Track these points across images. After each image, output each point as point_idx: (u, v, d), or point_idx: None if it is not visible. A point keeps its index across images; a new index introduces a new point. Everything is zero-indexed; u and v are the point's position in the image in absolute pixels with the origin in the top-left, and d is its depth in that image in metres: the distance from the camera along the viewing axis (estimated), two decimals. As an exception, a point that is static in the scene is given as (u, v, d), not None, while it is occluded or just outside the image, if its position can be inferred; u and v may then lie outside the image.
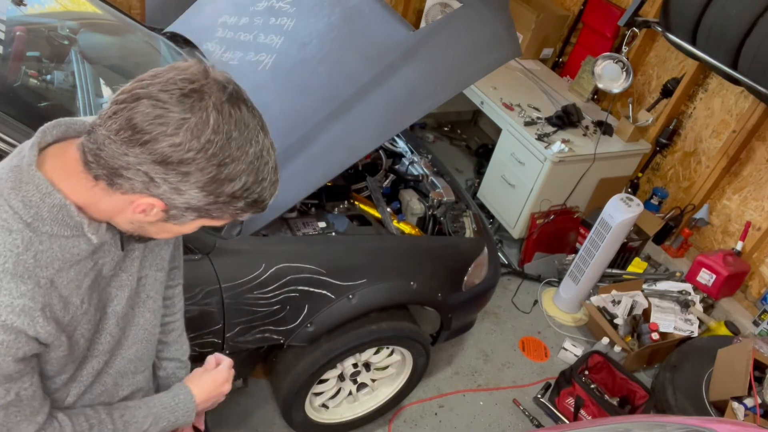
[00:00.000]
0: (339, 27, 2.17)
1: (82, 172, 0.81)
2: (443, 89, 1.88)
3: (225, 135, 0.75)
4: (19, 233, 0.80)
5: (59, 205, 0.82)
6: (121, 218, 0.85)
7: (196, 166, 0.75)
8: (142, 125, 0.73)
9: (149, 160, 0.74)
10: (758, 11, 2.57)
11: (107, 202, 0.83)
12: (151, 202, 0.80)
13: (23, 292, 0.80)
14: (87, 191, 0.82)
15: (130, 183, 0.78)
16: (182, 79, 0.75)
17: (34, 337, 0.82)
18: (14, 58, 1.70)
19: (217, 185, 0.78)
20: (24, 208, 0.80)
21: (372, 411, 2.42)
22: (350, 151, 1.89)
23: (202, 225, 0.89)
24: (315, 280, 1.86)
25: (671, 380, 2.75)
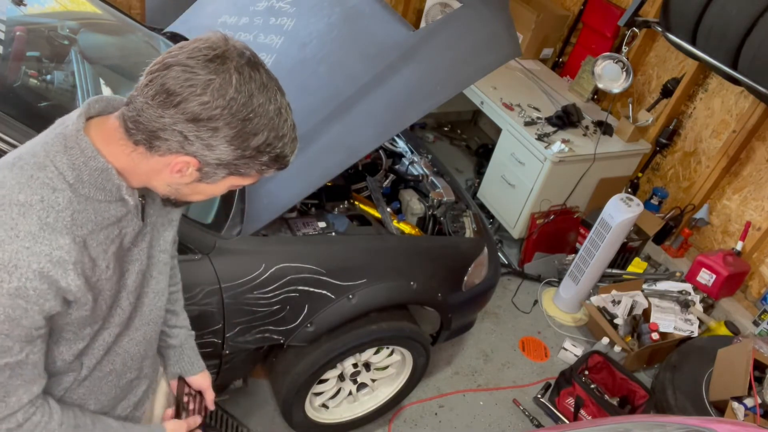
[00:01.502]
0: (339, 27, 2.17)
1: (122, 139, 0.90)
2: (443, 89, 1.88)
3: (246, 93, 0.85)
4: (61, 192, 0.89)
5: (101, 169, 0.91)
6: (159, 180, 0.95)
7: (223, 121, 0.84)
8: (174, 88, 0.83)
9: (182, 119, 0.84)
10: (758, 11, 2.57)
11: (146, 165, 0.92)
12: (186, 160, 0.89)
13: (61, 245, 0.88)
14: (126, 156, 0.91)
15: (167, 144, 0.87)
16: (206, 47, 0.84)
17: (64, 289, 0.89)
18: (14, 58, 1.70)
19: (243, 139, 0.87)
20: (68, 170, 0.89)
21: (372, 411, 2.42)
22: (350, 151, 1.88)
23: (231, 185, 0.97)
24: (315, 280, 1.86)
25: (671, 380, 2.75)
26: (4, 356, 0.88)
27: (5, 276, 0.84)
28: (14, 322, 0.86)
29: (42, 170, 0.89)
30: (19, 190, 0.87)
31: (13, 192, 0.87)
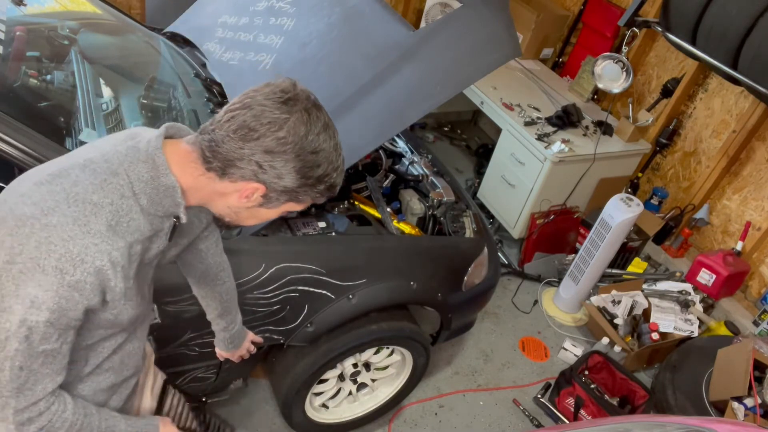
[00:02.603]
0: (339, 27, 2.17)
1: (194, 162, 1.00)
2: (443, 89, 1.88)
3: (314, 130, 0.97)
4: (127, 199, 0.99)
5: (169, 186, 1.01)
6: (221, 202, 1.06)
7: (294, 153, 0.96)
8: (254, 125, 0.94)
9: (260, 151, 0.95)
10: (758, 11, 2.57)
11: (210, 188, 1.03)
12: (256, 187, 1.00)
13: (118, 247, 0.97)
14: (193, 179, 1.02)
15: (241, 172, 0.98)
16: (280, 91, 0.97)
17: (111, 288, 0.97)
18: (14, 58, 1.70)
19: (308, 169, 0.99)
20: (137, 181, 0.99)
21: (372, 411, 2.42)
22: (350, 151, 1.88)
23: (285, 210, 1.09)
24: (315, 280, 1.86)
25: (671, 380, 2.75)
26: (44, 343, 0.94)
27: (70, 268, 0.91)
28: (63, 312, 0.92)
29: (115, 176, 0.98)
30: (93, 191, 0.96)
31: (88, 191, 0.95)
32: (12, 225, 0.92)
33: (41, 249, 0.90)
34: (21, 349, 0.92)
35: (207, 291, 1.49)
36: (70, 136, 1.61)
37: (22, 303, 0.90)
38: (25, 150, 1.39)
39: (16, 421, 0.97)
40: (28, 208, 0.92)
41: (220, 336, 1.61)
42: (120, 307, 1.02)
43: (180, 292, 1.62)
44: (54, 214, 0.92)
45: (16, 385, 0.95)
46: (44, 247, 0.90)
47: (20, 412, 0.97)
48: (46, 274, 0.90)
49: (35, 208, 0.92)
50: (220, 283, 1.48)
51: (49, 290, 0.90)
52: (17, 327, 0.91)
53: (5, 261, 0.91)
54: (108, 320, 1.03)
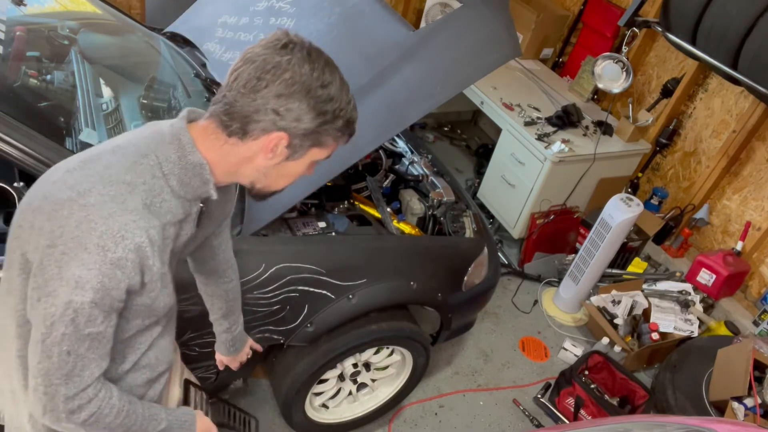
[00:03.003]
0: (339, 27, 2.17)
1: (214, 133, 1.02)
2: (443, 89, 1.88)
3: (318, 67, 0.99)
4: (158, 180, 1.01)
5: (197, 163, 1.03)
6: (249, 168, 1.06)
7: (305, 91, 0.98)
8: (260, 74, 0.96)
9: (273, 96, 0.97)
10: (758, 11, 2.57)
11: (236, 155, 1.04)
12: (279, 136, 1.00)
13: (154, 225, 0.99)
14: (217, 150, 1.03)
15: (260, 125, 0.99)
16: (275, 39, 0.99)
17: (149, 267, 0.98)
18: (14, 58, 1.70)
19: (323, 104, 0.99)
20: (165, 162, 1.01)
21: (372, 411, 2.42)
22: (350, 151, 1.88)
23: (312, 160, 1.09)
24: (315, 280, 1.86)
25: (671, 380, 2.75)
26: (90, 326, 0.94)
27: (112, 245, 0.92)
28: (106, 291, 0.93)
29: (144, 158, 1.00)
30: (125, 172, 0.98)
31: (120, 173, 0.97)
32: (49, 210, 0.94)
33: (82, 228, 0.91)
34: (68, 333, 0.93)
35: (214, 288, 1.49)
36: (70, 136, 1.61)
37: (67, 284, 0.91)
38: (25, 150, 1.39)
39: (67, 409, 0.97)
40: (64, 192, 0.94)
41: (222, 338, 1.61)
42: (157, 291, 1.03)
43: (180, 291, 1.61)
44: (91, 195, 0.94)
45: (65, 371, 0.95)
46: (84, 226, 0.92)
47: (70, 399, 0.97)
48: (89, 252, 0.91)
49: (71, 191, 0.94)
50: (227, 280, 1.48)
51: (93, 268, 0.91)
52: (63, 310, 0.91)
53: (46, 246, 0.92)
54: (146, 305, 1.03)
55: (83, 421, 0.99)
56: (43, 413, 0.98)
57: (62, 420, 0.98)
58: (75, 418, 0.98)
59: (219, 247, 1.41)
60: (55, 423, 0.99)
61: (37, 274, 0.93)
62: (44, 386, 0.95)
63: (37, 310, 0.93)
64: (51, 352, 0.93)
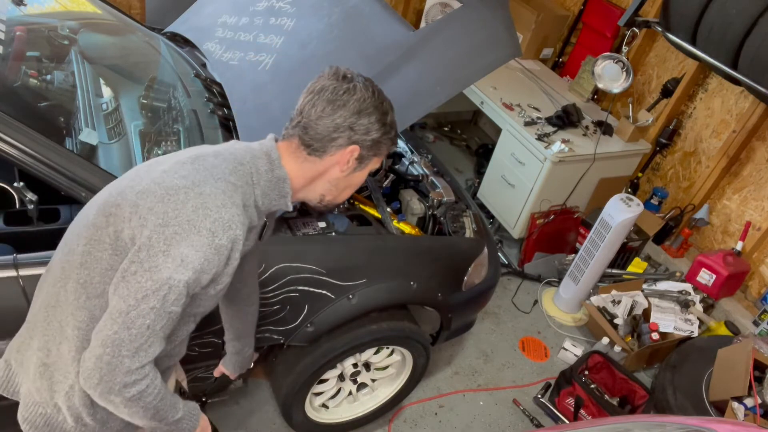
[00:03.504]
0: (339, 27, 2.17)
1: (294, 152, 1.18)
2: (443, 89, 1.88)
3: (377, 89, 1.18)
4: (249, 186, 1.13)
5: (281, 177, 1.17)
6: (322, 181, 1.22)
7: (374, 106, 1.16)
8: (335, 98, 1.14)
9: (349, 115, 1.14)
10: (758, 11, 2.57)
11: (313, 170, 1.20)
12: (352, 149, 1.17)
13: (243, 221, 1.09)
14: (297, 166, 1.19)
15: (338, 142, 1.16)
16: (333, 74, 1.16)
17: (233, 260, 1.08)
18: (14, 58, 1.70)
19: (384, 116, 1.18)
20: (256, 172, 1.14)
21: (372, 411, 2.42)
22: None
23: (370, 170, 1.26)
24: (315, 280, 1.86)
25: (671, 380, 2.75)
26: (174, 305, 1.03)
27: (220, 232, 1.03)
28: (201, 273, 1.03)
29: (241, 165, 1.13)
30: (229, 173, 1.10)
31: (225, 173, 1.10)
32: (162, 194, 1.03)
33: (198, 212, 1.02)
34: (156, 308, 1.00)
35: (235, 311, 1.55)
36: (70, 136, 1.62)
37: (173, 261, 1.00)
38: (25, 150, 1.39)
39: (123, 381, 1.02)
40: (178, 180, 1.05)
41: (232, 359, 1.68)
42: (225, 284, 1.13)
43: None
44: (205, 185, 1.05)
45: (138, 344, 1.01)
46: (201, 211, 1.02)
47: (130, 373, 1.02)
48: (201, 235, 1.01)
49: (185, 180, 1.05)
50: (250, 303, 1.56)
51: (200, 250, 1.01)
52: (160, 285, 1.00)
53: (158, 224, 1.01)
54: (209, 296, 1.13)
55: (131, 396, 1.04)
56: (98, 382, 1.02)
57: (113, 392, 1.03)
58: (126, 391, 1.03)
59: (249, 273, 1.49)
60: (105, 394, 1.03)
61: (142, 249, 1.00)
62: (111, 356, 1.00)
63: (131, 283, 1.00)
64: (133, 324, 1.00)
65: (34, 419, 1.18)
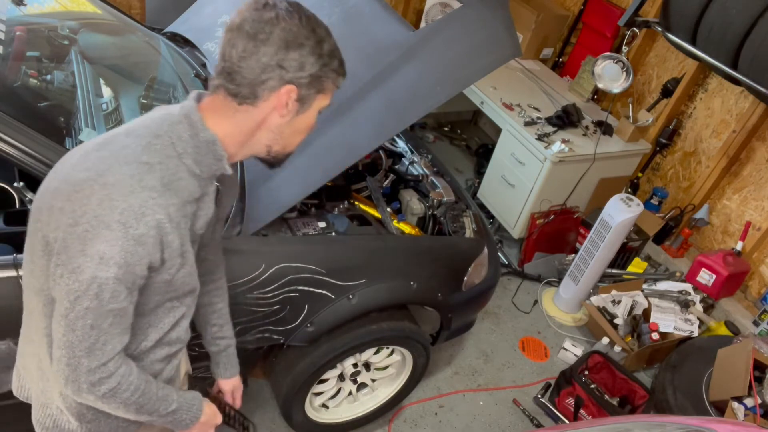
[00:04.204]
0: (339, 27, 2.16)
1: (221, 106, 1.04)
2: (443, 89, 1.88)
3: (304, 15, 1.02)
4: (172, 159, 1.02)
5: (209, 140, 1.04)
6: (264, 132, 1.08)
7: (303, 38, 1.00)
8: (256, 33, 0.98)
9: (274, 51, 0.98)
10: (758, 11, 2.57)
11: (250, 122, 1.06)
12: (288, 90, 1.02)
13: (174, 203, 1.01)
14: (230, 120, 1.05)
15: (269, 84, 1.01)
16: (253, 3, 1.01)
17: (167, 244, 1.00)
18: (14, 58, 1.70)
19: (319, 47, 1.02)
20: (179, 141, 1.03)
21: (372, 411, 2.42)
22: (350, 151, 1.88)
23: (318, 108, 1.11)
24: (315, 280, 1.86)
25: (671, 380, 2.75)
26: (113, 301, 0.97)
27: (133, 222, 0.95)
28: (129, 267, 0.96)
29: (158, 138, 1.02)
30: (141, 152, 1.00)
31: (137, 153, 0.99)
32: (69, 191, 0.97)
33: (104, 206, 0.94)
34: (92, 308, 0.96)
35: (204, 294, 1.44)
36: (70, 136, 1.61)
37: (91, 260, 0.94)
38: (25, 150, 1.39)
39: (88, 381, 1.01)
40: (82, 173, 0.97)
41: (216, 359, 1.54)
42: (176, 267, 1.05)
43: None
44: (110, 174, 0.96)
45: (88, 344, 0.98)
46: (106, 204, 0.94)
47: (92, 372, 1.00)
48: (111, 230, 0.94)
49: (90, 172, 0.97)
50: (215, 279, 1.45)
51: (115, 245, 0.94)
52: (87, 285, 0.94)
53: (68, 224, 0.95)
54: (165, 281, 1.06)
55: (103, 394, 1.03)
56: (65, 384, 1.02)
57: (83, 391, 1.02)
58: (96, 390, 1.02)
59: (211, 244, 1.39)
60: (77, 394, 1.03)
61: (61, 252, 0.96)
62: (68, 358, 0.99)
63: (61, 286, 0.96)
64: (75, 326, 0.97)
65: (44, 421, 1.19)
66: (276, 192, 1.85)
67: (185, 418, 1.20)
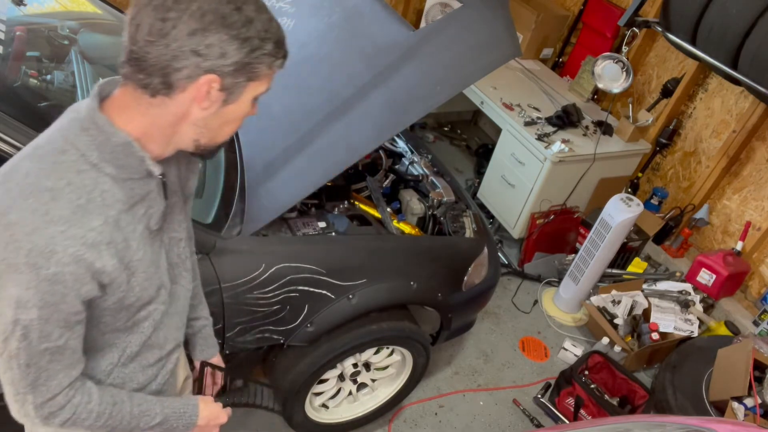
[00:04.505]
0: (339, 27, 2.17)
1: (133, 100, 0.90)
2: (443, 89, 1.88)
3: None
4: (86, 173, 0.90)
5: (123, 143, 0.91)
6: (186, 126, 0.93)
7: (221, 18, 0.84)
8: (164, 14, 0.83)
9: (186, 35, 0.83)
10: (758, 11, 2.57)
11: (168, 115, 0.91)
12: (209, 79, 0.87)
13: (93, 227, 0.89)
14: (144, 116, 0.91)
15: (184, 73, 0.86)
16: None
17: (99, 270, 0.90)
18: (14, 58, 1.70)
19: (244, 29, 0.86)
20: (90, 150, 0.90)
21: (372, 411, 2.42)
22: (350, 150, 1.89)
23: (253, 96, 0.96)
24: (315, 280, 1.86)
25: (671, 380, 2.75)
26: (44, 341, 0.91)
27: (43, 262, 0.85)
28: (53, 307, 0.88)
29: (63, 154, 0.90)
30: (45, 177, 0.88)
31: (40, 179, 0.88)
32: None
33: (9, 249, 0.86)
34: (22, 348, 0.90)
35: None
36: (70, 136, 1.61)
37: (9, 304, 0.87)
38: (25, 150, 1.39)
39: (39, 415, 0.96)
40: None
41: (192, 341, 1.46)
42: (124, 286, 0.97)
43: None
44: (12, 212, 0.86)
45: (29, 381, 0.93)
46: (11, 246, 0.85)
47: (40, 407, 0.96)
48: (21, 273, 0.85)
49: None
50: None
51: (29, 288, 0.86)
52: (12, 327, 0.89)
53: None
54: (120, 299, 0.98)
55: (60, 424, 0.98)
56: (19, 418, 0.98)
57: (38, 425, 0.98)
58: (50, 422, 0.97)
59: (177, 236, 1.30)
60: (34, 427, 0.99)
61: None
62: (13, 394, 0.95)
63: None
64: (11, 365, 0.92)
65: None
66: (276, 192, 1.85)
67: (177, 426, 1.15)
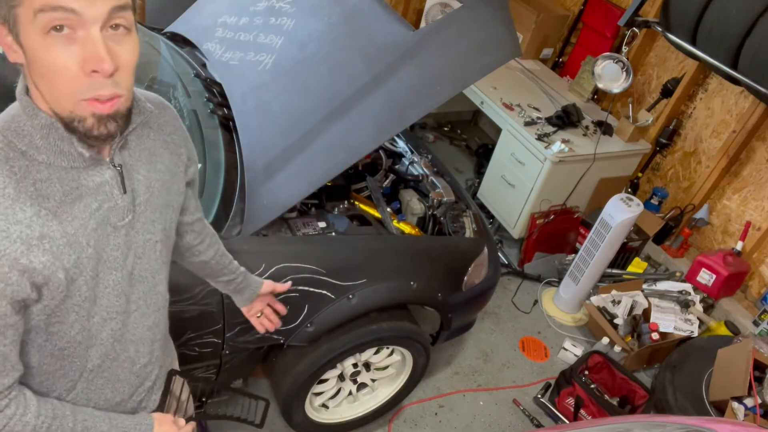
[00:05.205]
0: (339, 27, 2.17)
1: None
2: (443, 89, 1.88)
3: None
4: (15, 161, 0.84)
5: (46, 125, 0.85)
6: (33, 88, 0.86)
7: None
8: None
9: None
10: (758, 11, 2.57)
11: None
12: None
13: (20, 219, 0.83)
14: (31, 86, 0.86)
15: None
16: None
17: (27, 267, 0.84)
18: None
19: None
20: (16, 137, 0.85)
21: (372, 411, 2.42)
22: (350, 150, 1.89)
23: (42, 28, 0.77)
24: (315, 280, 1.86)
25: (671, 380, 2.75)
26: None
27: None
28: None
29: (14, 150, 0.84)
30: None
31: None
32: None
33: None
34: None
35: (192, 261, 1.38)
36: (70, 136, 1.61)
37: None
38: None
39: None
40: None
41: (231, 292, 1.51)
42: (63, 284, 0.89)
43: (179, 292, 1.62)
44: None
45: None
46: None
47: None
48: None
49: None
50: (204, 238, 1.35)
51: None
52: None
53: None
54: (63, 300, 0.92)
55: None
56: None
57: None
58: None
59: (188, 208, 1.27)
60: None
61: None
62: None
63: None
64: None
65: None
66: (276, 192, 1.85)
67: None
